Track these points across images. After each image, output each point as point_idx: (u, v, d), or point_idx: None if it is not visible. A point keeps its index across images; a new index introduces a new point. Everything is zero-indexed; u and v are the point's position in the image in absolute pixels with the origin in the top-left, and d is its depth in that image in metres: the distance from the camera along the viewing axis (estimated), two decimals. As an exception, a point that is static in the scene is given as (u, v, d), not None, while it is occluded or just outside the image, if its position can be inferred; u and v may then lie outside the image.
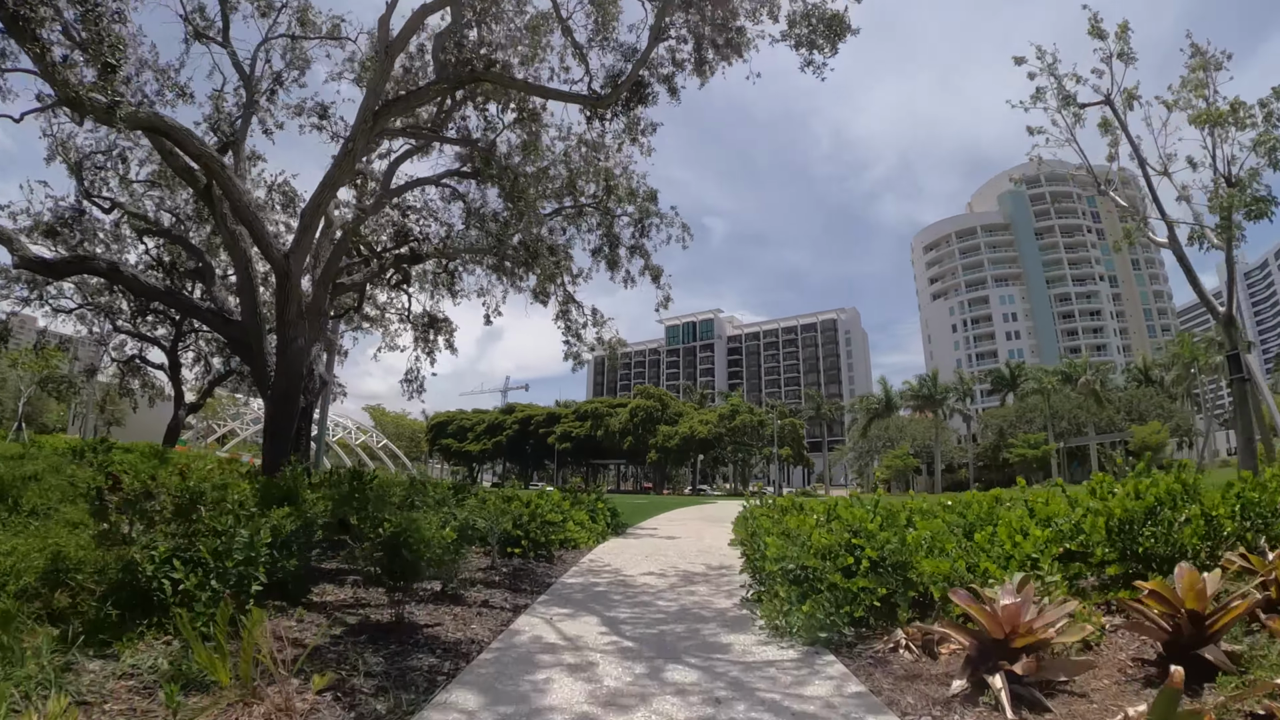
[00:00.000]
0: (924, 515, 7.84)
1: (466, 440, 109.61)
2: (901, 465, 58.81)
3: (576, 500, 13.48)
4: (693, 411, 76.27)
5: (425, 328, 24.44)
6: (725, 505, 31.06)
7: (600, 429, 79.73)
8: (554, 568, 9.29)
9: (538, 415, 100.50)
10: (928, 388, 68.32)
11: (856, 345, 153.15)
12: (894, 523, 6.71)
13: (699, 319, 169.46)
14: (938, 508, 8.68)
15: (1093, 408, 63.77)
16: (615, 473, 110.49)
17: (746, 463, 68.32)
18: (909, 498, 8.89)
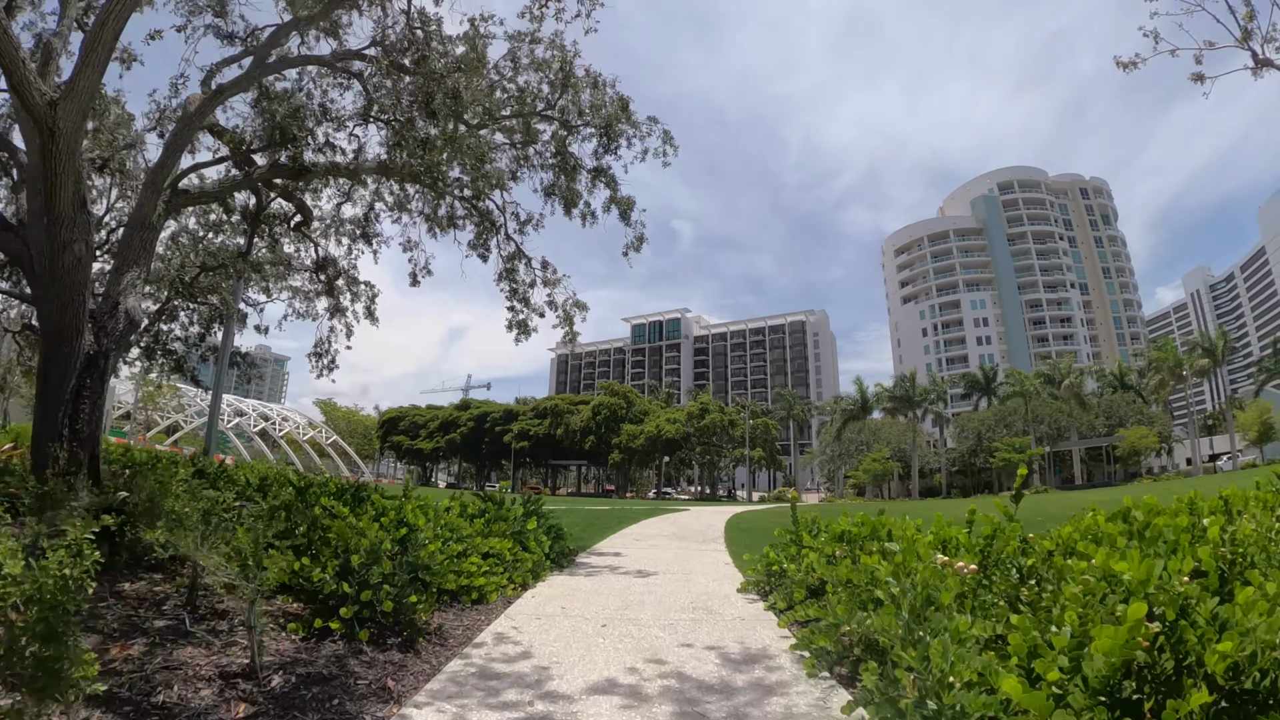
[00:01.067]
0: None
1: (419, 438, 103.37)
2: (880, 469, 55.20)
3: (497, 517, 8.37)
4: (659, 410, 71.73)
5: (330, 281, 19.13)
6: (699, 513, 26.35)
7: (560, 427, 74.50)
8: (404, 670, 4.23)
9: (494, 412, 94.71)
10: (905, 389, 65.02)
11: (825, 348, 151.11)
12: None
13: (665, 318, 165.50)
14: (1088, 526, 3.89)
15: (1074, 412, 61.29)
16: (576, 474, 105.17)
17: (715, 465, 63.96)
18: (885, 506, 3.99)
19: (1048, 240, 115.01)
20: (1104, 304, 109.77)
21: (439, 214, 18.13)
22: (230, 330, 19.22)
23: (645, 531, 15.01)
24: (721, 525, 17.75)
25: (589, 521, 18.36)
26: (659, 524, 18.00)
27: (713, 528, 16.95)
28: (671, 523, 18.78)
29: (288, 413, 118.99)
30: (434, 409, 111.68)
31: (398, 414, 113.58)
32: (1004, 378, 68.78)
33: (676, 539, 13.47)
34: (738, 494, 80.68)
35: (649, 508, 28.10)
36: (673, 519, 20.45)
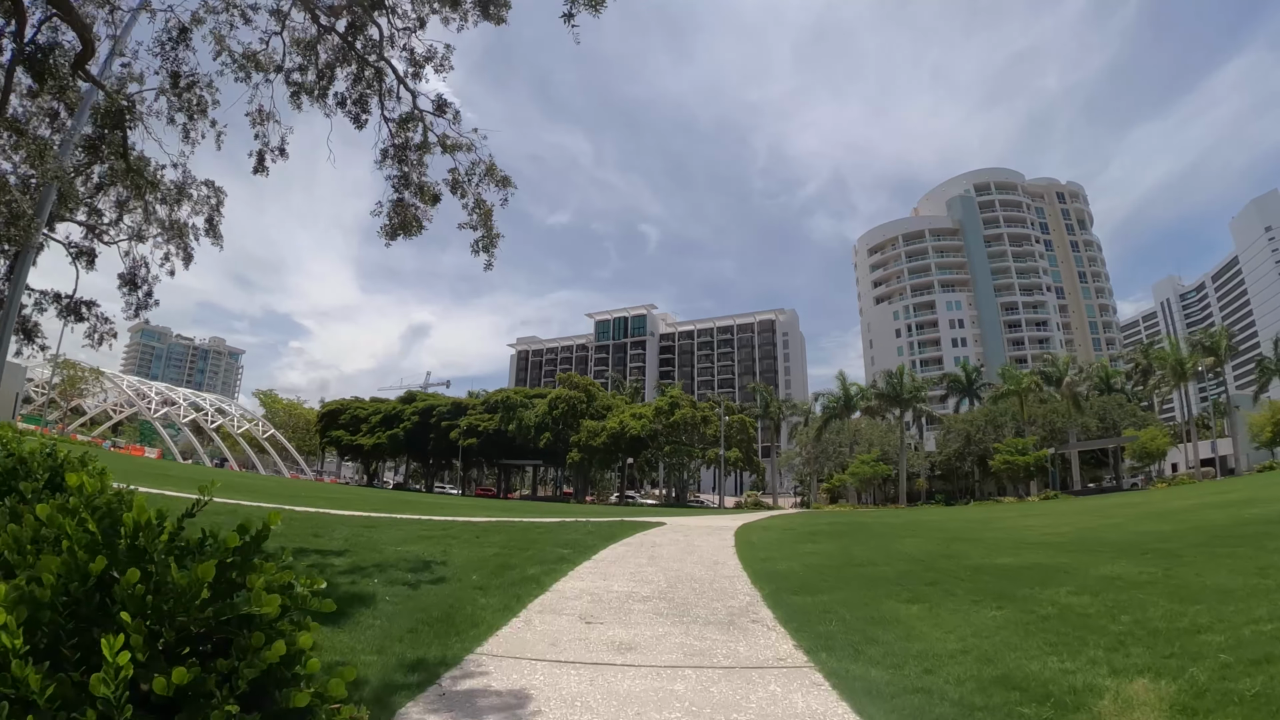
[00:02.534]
0: None
1: (360, 433, 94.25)
2: (870, 472, 49.42)
3: None
4: (624, 405, 64.90)
5: (119, 154, 12.15)
6: (683, 532, 19.62)
7: (512, 423, 66.99)
8: None
9: (441, 406, 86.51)
10: (893, 386, 59.55)
11: (794, 348, 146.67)
12: None
13: (631, 314, 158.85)
14: None
15: (1069, 413, 56.69)
16: (532, 475, 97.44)
17: (685, 466, 57.35)
18: None
19: (1024, 243, 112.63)
20: (1079, 308, 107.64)
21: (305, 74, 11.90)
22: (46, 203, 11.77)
23: (603, 588, 8.04)
24: (733, 561, 10.98)
25: (531, 539, 11.34)
26: (628, 559, 11.07)
27: (721, 567, 10.14)
28: (648, 555, 11.89)
29: (223, 404, 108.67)
30: (378, 402, 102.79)
31: (338, 406, 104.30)
32: (998, 376, 63.86)
33: (670, 613, 6.51)
34: (703, 498, 74.34)
35: (610, 522, 20.93)
36: (648, 546, 13.56)
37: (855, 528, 18.97)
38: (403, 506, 26.25)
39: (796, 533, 17.10)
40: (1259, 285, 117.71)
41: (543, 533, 14.96)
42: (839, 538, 15.29)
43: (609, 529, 16.51)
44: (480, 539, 13.08)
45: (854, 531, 16.89)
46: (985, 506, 39.59)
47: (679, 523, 21.83)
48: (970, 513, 26.64)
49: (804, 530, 17.97)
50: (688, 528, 19.29)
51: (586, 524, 18.56)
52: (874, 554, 11.51)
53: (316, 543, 10.72)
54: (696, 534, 16.64)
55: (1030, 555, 10.64)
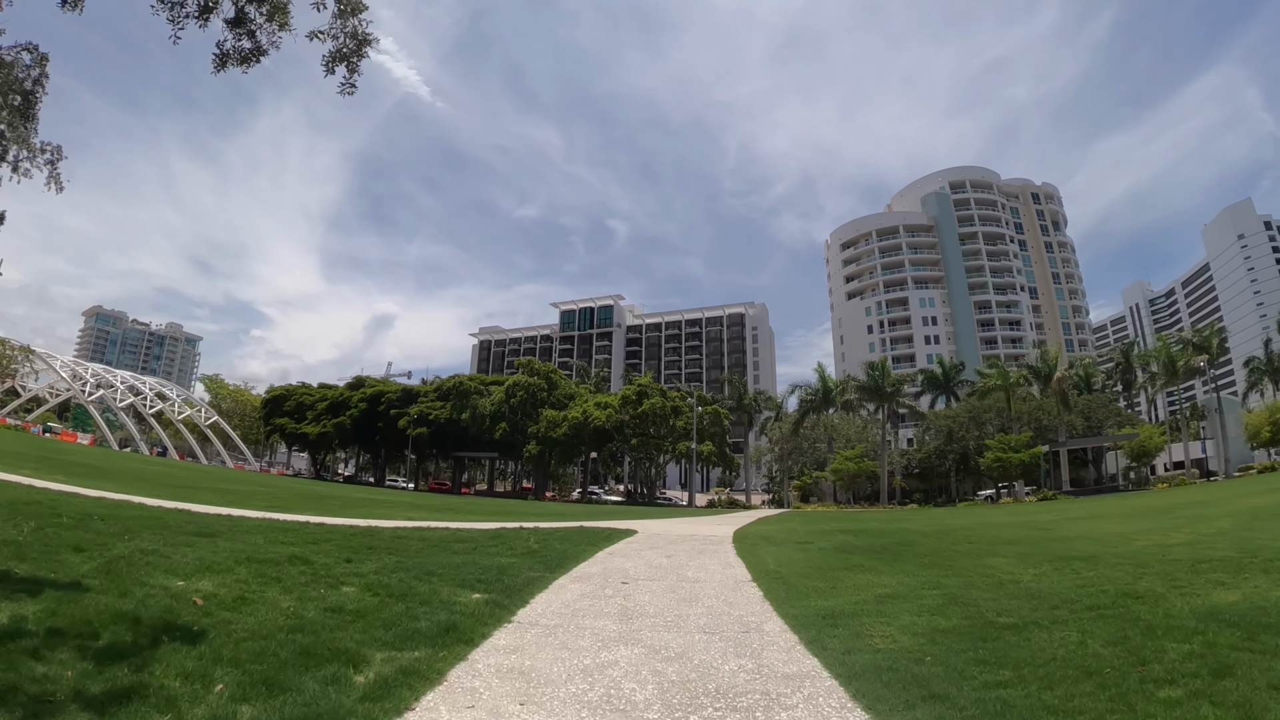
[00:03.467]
0: None
1: (305, 420, 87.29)
2: (855, 469, 45.57)
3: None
4: (588, 395, 60.06)
5: None
6: (658, 535, 15.04)
7: (466, 411, 61.45)
8: None
9: (390, 392, 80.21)
10: (875, 378, 55.96)
11: (764, 343, 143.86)
12: None
13: (598, 304, 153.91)
14: None
15: (1058, 410, 53.99)
16: (490, 468, 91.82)
17: (654, 460, 52.63)
18: None
19: (999, 241, 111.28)
20: (1052, 309, 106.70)
21: None
22: None
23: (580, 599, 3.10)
24: (772, 623, 6.22)
25: (356, 614, 6.26)
26: (582, 621, 6.20)
27: (761, 644, 5.35)
28: (619, 606, 7.10)
29: (164, 388, 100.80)
30: (325, 388, 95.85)
31: (283, 392, 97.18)
32: (977, 373, 60.92)
33: None
34: (670, 495, 70.04)
35: (565, 530, 16.05)
36: (616, 582, 8.78)
37: (886, 538, 14.60)
38: (311, 504, 21.10)
39: (822, 549, 12.53)
40: (1230, 292, 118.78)
41: (459, 553, 10.06)
42: (893, 558, 10.77)
43: (560, 546, 11.68)
44: (345, 567, 8.15)
45: (898, 549, 12.41)
46: (984, 507, 36.03)
47: (653, 530, 17.12)
48: (991, 515, 22.67)
49: (828, 544, 13.42)
50: (667, 539, 14.58)
51: (531, 535, 13.71)
52: (1002, 598, 6.99)
53: (45, 566, 5.79)
54: (683, 552, 11.93)
55: (1257, 584, 6.35)
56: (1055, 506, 27.55)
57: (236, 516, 13.52)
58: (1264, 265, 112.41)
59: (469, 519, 19.85)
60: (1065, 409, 54.08)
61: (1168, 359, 53.34)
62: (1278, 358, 55.39)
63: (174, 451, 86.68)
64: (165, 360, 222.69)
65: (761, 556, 11.13)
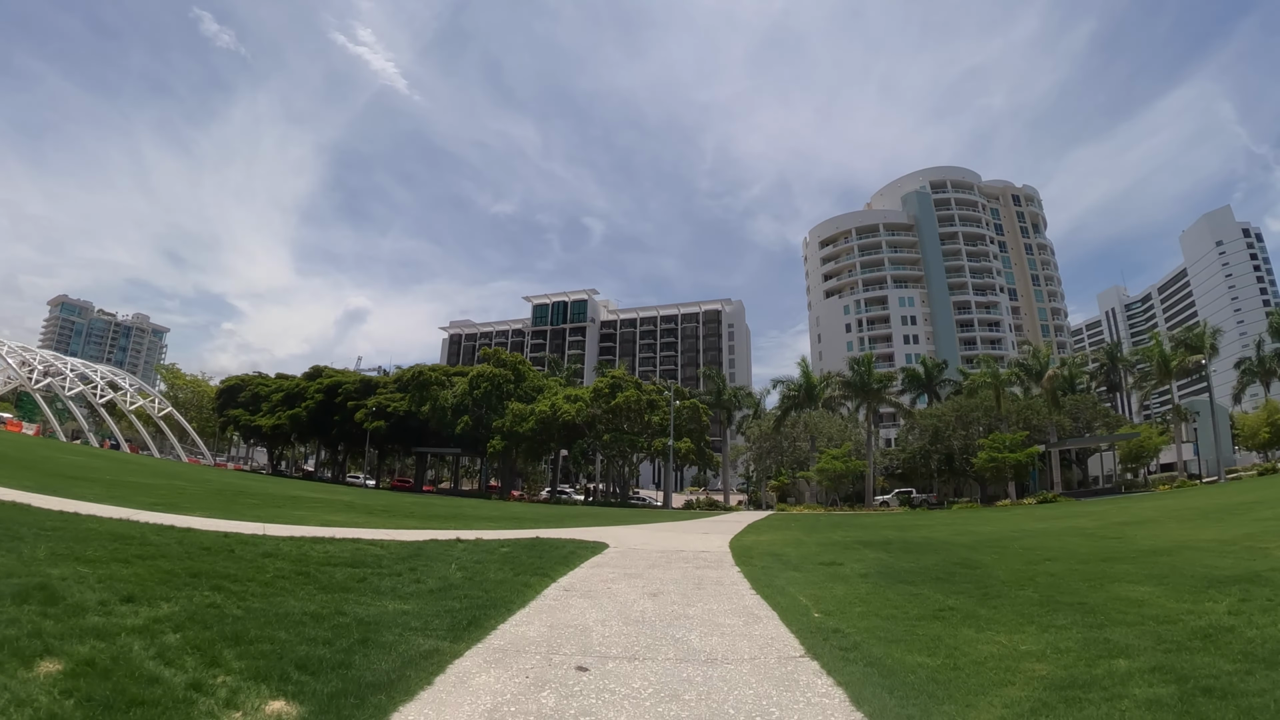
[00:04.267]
0: None
1: (260, 412, 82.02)
2: (843, 468, 42.57)
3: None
4: (557, 388, 56.28)
5: None
6: (635, 552, 11.55)
7: (426, 403, 57.19)
8: None
9: (348, 383, 75.41)
10: (861, 375, 53.23)
11: (739, 340, 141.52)
12: None
13: (571, 298, 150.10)
14: None
15: (1049, 409, 51.89)
16: (454, 465, 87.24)
17: (627, 458, 49.03)
18: None
19: (979, 242, 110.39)
20: (1032, 311, 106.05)
21: None
22: None
23: None
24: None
25: (183, 654, 2.50)
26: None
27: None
28: (575, 709, 3.28)
29: (117, 376, 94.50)
30: (283, 378, 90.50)
31: (238, 383, 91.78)
32: (969, 369, 58.65)
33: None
34: (644, 495, 66.50)
35: (515, 541, 12.42)
36: (572, 650, 5.05)
37: (929, 554, 11.29)
38: (219, 503, 17.38)
39: (864, 575, 9.10)
40: (1207, 298, 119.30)
41: (328, 590, 6.41)
42: (978, 591, 7.41)
43: (496, 574, 8.04)
44: (97, 616, 4.48)
45: (966, 573, 9.05)
46: (988, 510, 33.19)
47: (629, 543, 13.55)
48: (1011, 519, 19.57)
49: (865, 567, 10.00)
50: (647, 557, 11.02)
51: (463, 554, 10.09)
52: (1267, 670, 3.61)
53: None
54: (673, 583, 8.35)
55: None
56: (1071, 509, 24.67)
57: (85, 515, 9.89)
58: (1242, 272, 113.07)
59: (402, 525, 16.12)
60: (1056, 408, 52.00)
61: (1161, 358, 51.52)
62: (1270, 359, 53.99)
63: (124, 444, 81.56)
64: (131, 352, 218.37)
65: (789, 592, 7.66)
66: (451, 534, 13.14)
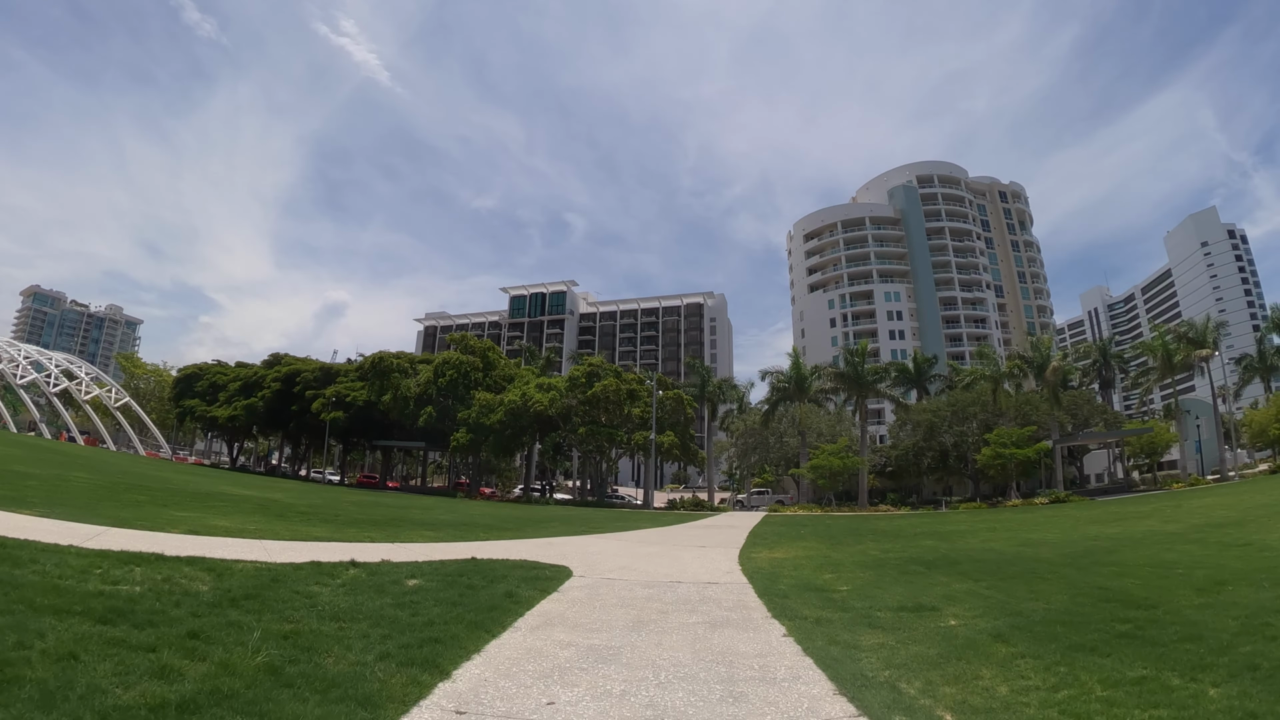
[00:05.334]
0: None
1: (216, 402, 76.68)
2: (839, 465, 39.30)
3: None
4: (530, 376, 52.30)
5: None
6: (611, 585, 7.67)
7: (387, 392, 52.84)
8: None
9: (308, 371, 70.37)
10: (855, 366, 50.13)
11: (721, 334, 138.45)
12: None
13: (549, 290, 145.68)
14: None
15: (1050, 405, 49.35)
16: (424, 460, 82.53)
17: (605, 453, 45.18)
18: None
19: (965, 238, 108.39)
20: (1018, 308, 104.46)
21: None
22: None
23: None
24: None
25: None
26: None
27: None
28: None
29: (72, 364, 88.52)
30: (243, 367, 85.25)
31: (195, 371, 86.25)
32: (960, 364, 55.95)
33: None
34: (623, 492, 62.76)
35: (443, 565, 8.30)
36: None
37: (1044, 584, 7.79)
38: (95, 501, 13.42)
39: (997, 636, 5.45)
40: (1192, 299, 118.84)
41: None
42: (1218, 660, 3.78)
43: (345, 658, 4.15)
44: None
45: (1138, 622, 5.46)
46: (1009, 511, 30.08)
47: (603, 568, 9.76)
48: (1056, 522, 16.20)
49: (985, 613, 6.34)
50: (629, 602, 7.21)
51: (324, 599, 6.25)
52: None
53: None
54: (678, 675, 4.50)
55: None
56: (1109, 510, 21.43)
57: None
58: (1227, 273, 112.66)
59: (307, 535, 12.25)
60: (1056, 404, 49.43)
61: (1165, 353, 49.15)
62: (1271, 355, 51.98)
63: (78, 436, 76.64)
64: (105, 344, 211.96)
65: (909, 695, 3.95)
66: (356, 550, 9.35)
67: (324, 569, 8.45)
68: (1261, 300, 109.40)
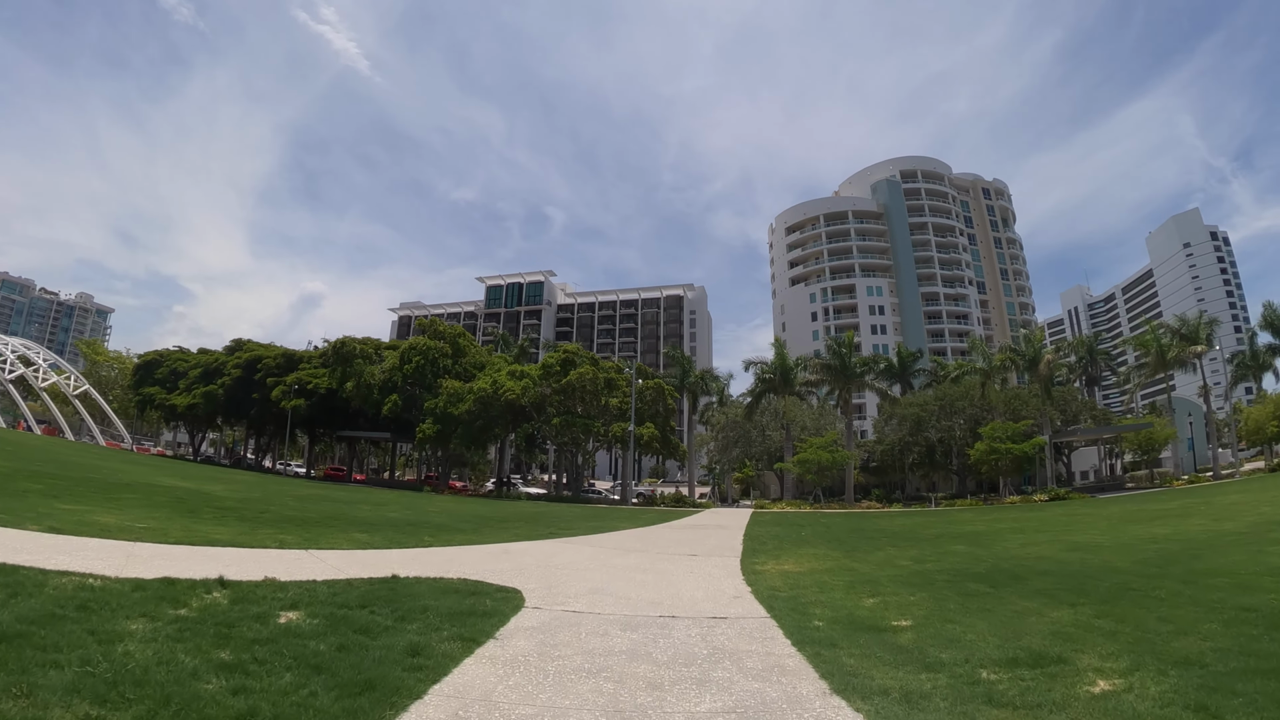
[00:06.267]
0: None
1: (177, 390, 72.63)
2: (828, 459, 37.32)
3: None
4: (502, 364, 49.57)
5: None
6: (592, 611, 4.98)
7: (350, 380, 49.73)
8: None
9: (270, 357, 66.68)
10: (841, 357, 48.24)
11: (701, 327, 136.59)
12: None
13: (527, 279, 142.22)
14: None
15: (1041, 400, 47.99)
16: (393, 451, 79.16)
17: (581, 445, 42.54)
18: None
19: (948, 234, 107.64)
20: (1000, 305, 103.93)
21: None
22: None
23: None
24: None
25: None
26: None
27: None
28: None
29: (29, 350, 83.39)
30: (205, 353, 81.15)
31: (156, 357, 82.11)
32: (930, 360, 54.42)
33: None
34: (599, 486, 60.39)
35: (345, 588, 5.60)
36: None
37: (1166, 605, 5.57)
38: None
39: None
40: (1173, 299, 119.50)
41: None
42: None
43: None
44: None
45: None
46: (1008, 510, 28.25)
47: (567, 593, 7.22)
48: (1082, 521, 14.13)
49: (1139, 670, 4.01)
50: (602, 662, 4.81)
51: (113, 658, 3.59)
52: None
53: None
54: None
55: None
56: (1123, 508, 19.53)
57: None
58: (1209, 274, 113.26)
59: (205, 538, 9.66)
60: (1048, 399, 48.08)
61: (1159, 349, 48.02)
62: (1264, 353, 51.20)
63: (35, 426, 72.04)
64: (75, 332, 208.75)
65: None
66: (249, 559, 6.82)
67: (175, 590, 5.95)
68: (1243, 302, 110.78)
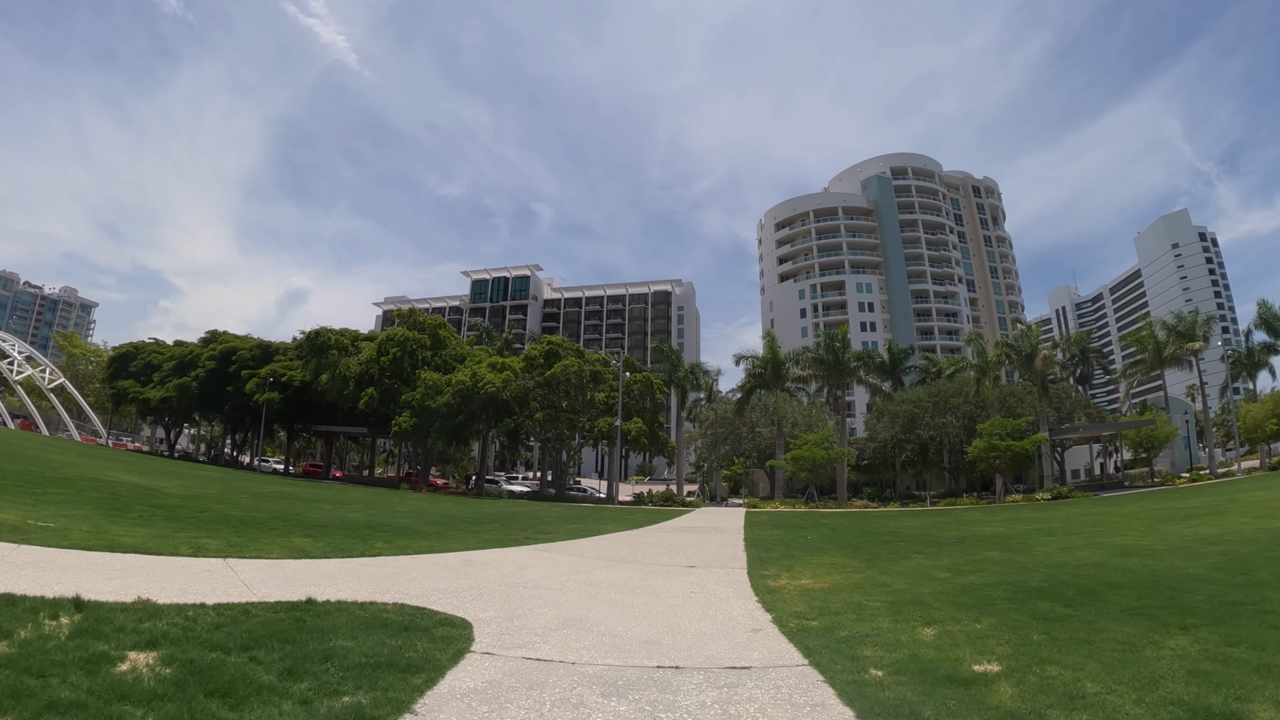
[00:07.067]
0: None
1: (151, 383, 69.99)
2: (823, 456, 35.89)
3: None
4: (484, 356, 47.70)
5: None
6: (562, 682, 3.18)
7: (325, 372, 47.65)
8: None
9: (244, 349, 64.20)
10: (835, 352, 46.91)
11: (689, 324, 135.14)
12: None
13: (513, 274, 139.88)
14: None
15: (1037, 397, 47.00)
16: (371, 447, 76.92)
17: (565, 441, 40.75)
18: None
19: (939, 231, 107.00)
20: (989, 303, 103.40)
21: None
22: None
23: None
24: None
25: None
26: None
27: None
28: None
29: (4, 343, 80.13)
30: (181, 345, 78.32)
31: (130, 350, 79.28)
32: (922, 358, 53.29)
33: None
34: (585, 485, 58.72)
35: (234, 622, 4.47)
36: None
37: None
38: None
39: None
40: (1162, 299, 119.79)
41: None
42: None
43: None
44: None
45: None
46: (1015, 509, 26.94)
47: (531, 628, 5.44)
48: (1110, 521, 12.74)
49: None
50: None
51: None
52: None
53: None
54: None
55: None
56: (1140, 507, 18.19)
57: None
58: (1197, 275, 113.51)
59: (95, 539, 7.82)
60: (1045, 395, 47.10)
61: (1155, 345, 47.14)
62: (1259, 351, 50.60)
63: (9, 420, 70.22)
64: (59, 327, 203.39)
65: None
66: (148, 567, 5.14)
67: (12, 612, 4.29)
68: (1231, 303, 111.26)
